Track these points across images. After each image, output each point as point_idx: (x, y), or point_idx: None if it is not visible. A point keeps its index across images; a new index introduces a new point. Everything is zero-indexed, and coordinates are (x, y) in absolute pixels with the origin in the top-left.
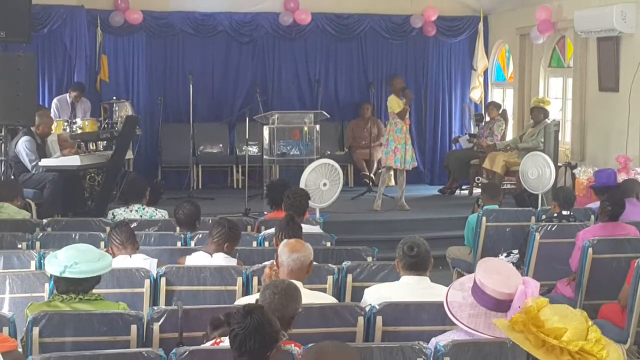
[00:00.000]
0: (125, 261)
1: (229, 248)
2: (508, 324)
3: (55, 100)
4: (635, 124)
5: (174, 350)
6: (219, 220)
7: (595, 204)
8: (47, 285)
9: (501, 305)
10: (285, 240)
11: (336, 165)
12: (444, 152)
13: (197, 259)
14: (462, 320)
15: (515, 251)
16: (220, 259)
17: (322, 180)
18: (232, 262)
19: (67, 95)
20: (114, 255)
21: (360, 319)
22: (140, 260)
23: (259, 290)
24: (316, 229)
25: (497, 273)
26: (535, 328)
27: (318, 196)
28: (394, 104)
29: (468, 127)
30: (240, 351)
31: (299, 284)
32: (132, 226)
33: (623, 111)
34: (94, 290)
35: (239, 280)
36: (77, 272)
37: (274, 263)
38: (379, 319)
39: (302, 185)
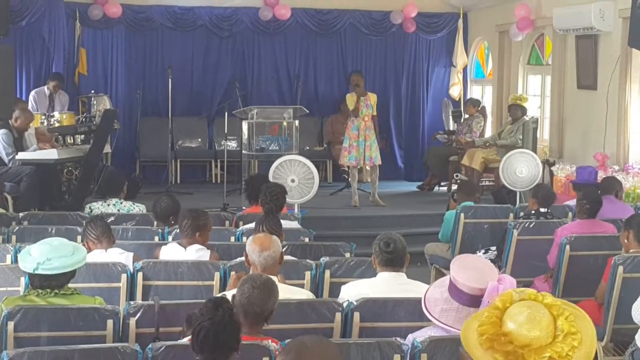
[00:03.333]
0: (101, 255)
1: (203, 238)
2: (476, 340)
3: (33, 93)
4: (613, 121)
5: (150, 346)
6: (183, 213)
7: (572, 201)
8: (22, 280)
9: (474, 300)
10: (250, 238)
11: (305, 161)
12: (423, 148)
13: (171, 250)
14: (434, 314)
15: (493, 248)
16: (193, 252)
17: (289, 176)
18: (206, 253)
19: (45, 87)
20: (89, 250)
21: (338, 315)
22: (116, 255)
23: None
24: (294, 224)
25: (472, 269)
26: (503, 338)
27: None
28: (350, 101)
29: (447, 123)
30: (204, 346)
31: (274, 278)
32: (109, 220)
33: (601, 109)
34: (70, 285)
35: (217, 275)
36: (49, 269)
37: (239, 273)
38: (357, 315)
39: None
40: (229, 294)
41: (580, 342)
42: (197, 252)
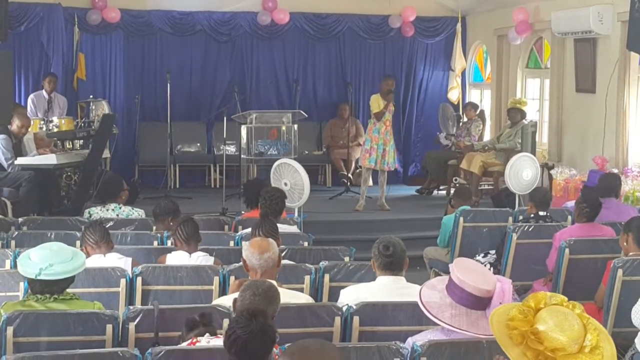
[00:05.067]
0: (99, 260)
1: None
2: (507, 333)
3: (31, 96)
4: (612, 125)
5: (149, 350)
6: (182, 222)
7: (571, 203)
8: (22, 285)
9: (480, 302)
10: (247, 243)
11: (296, 165)
12: (421, 152)
13: (178, 257)
14: (445, 319)
15: (493, 251)
16: (199, 257)
17: (283, 179)
18: (210, 259)
19: (43, 91)
20: (88, 255)
21: (337, 319)
22: (115, 259)
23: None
24: (293, 229)
25: (475, 271)
26: (534, 336)
27: None
28: (375, 104)
29: (445, 127)
30: (240, 355)
31: (273, 282)
32: (108, 225)
33: (600, 112)
34: (69, 290)
35: (216, 279)
36: (52, 274)
37: (241, 279)
38: (356, 319)
39: None
40: (230, 297)
41: (602, 357)
42: (202, 258)
